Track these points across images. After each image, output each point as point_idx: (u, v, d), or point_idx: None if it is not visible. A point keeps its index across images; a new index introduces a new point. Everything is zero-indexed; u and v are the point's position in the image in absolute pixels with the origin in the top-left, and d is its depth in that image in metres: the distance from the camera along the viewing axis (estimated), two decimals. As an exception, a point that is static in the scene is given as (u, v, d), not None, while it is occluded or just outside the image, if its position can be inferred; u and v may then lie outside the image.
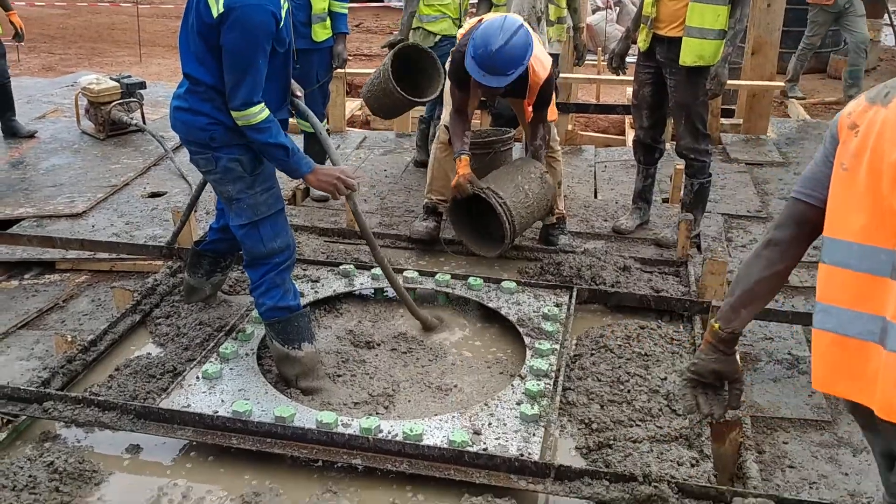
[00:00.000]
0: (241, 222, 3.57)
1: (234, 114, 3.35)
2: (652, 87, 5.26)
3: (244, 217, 3.56)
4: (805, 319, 4.28)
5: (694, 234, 5.23)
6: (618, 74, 5.78)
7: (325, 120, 6.29)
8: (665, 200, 6.23)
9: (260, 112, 3.35)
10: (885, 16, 11.98)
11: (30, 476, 2.91)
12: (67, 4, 17.80)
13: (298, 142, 5.96)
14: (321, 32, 5.76)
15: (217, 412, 3.29)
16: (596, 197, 6.47)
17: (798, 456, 3.65)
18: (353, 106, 9.26)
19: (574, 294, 4.27)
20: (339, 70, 6.32)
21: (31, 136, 7.87)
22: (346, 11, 5.92)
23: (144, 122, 8.03)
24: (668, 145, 5.97)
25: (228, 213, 3.64)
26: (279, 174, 3.66)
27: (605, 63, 5.89)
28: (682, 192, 5.51)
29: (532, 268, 4.74)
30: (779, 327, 4.59)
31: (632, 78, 5.61)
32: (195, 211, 5.43)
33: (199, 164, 3.59)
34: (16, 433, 3.24)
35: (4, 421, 3.25)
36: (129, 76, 8.33)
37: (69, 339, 3.84)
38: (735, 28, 4.90)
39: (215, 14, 3.23)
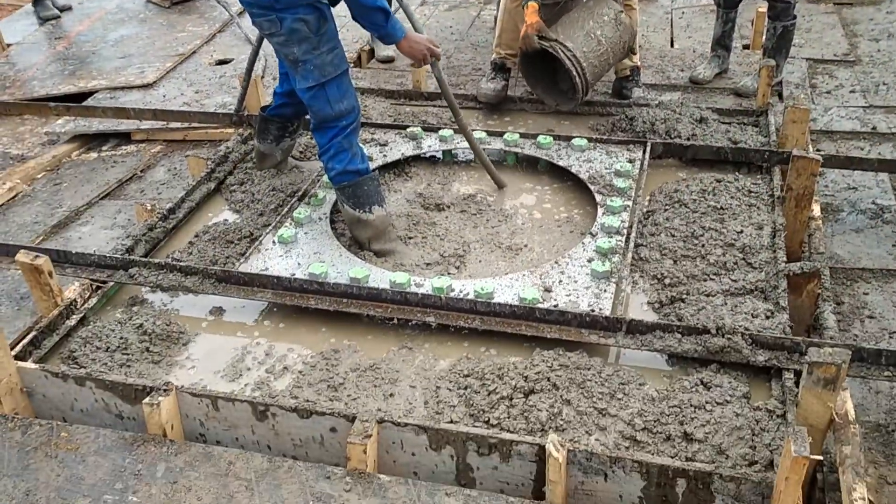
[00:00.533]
0: (308, 84, 3.53)
1: None
2: None
3: (311, 79, 3.52)
4: (892, 167, 4.10)
5: (776, 81, 4.98)
6: None
7: (387, -24, 6.08)
8: (746, 47, 5.92)
9: None
10: None
11: (121, 338, 3.08)
12: None
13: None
14: None
15: (294, 274, 3.38)
16: (672, 46, 6.18)
17: (878, 306, 3.57)
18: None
19: (648, 149, 4.16)
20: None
21: (64, 9, 7.85)
22: None
23: (207, -12, 7.94)
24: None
25: (293, 76, 3.60)
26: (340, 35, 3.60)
27: None
28: (763, 37, 5.22)
29: (604, 123, 4.62)
30: (863, 176, 4.41)
31: None
32: (262, 76, 5.42)
33: (262, 27, 3.53)
34: (105, 298, 3.40)
35: (94, 287, 3.41)
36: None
37: (149, 208, 3.95)
38: None
39: None
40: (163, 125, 5.47)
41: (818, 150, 4.34)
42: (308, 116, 3.72)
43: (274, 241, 3.64)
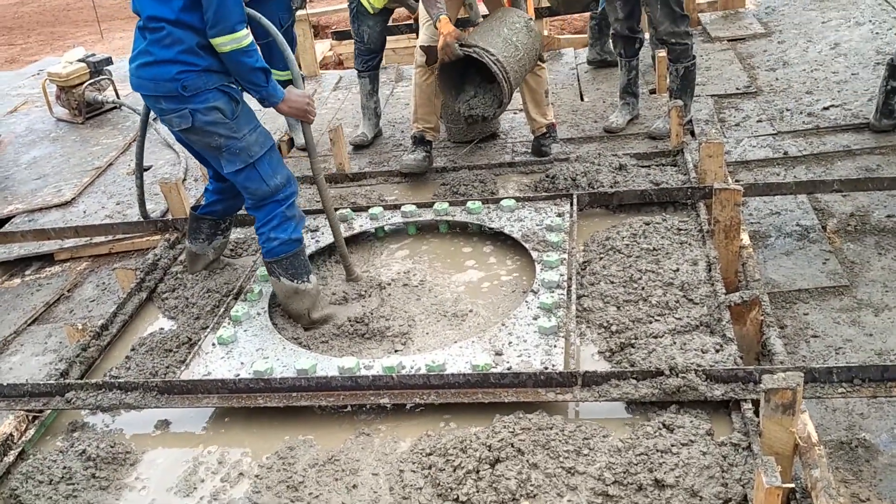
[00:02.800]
0: (237, 167, 3.51)
1: (222, 39, 3.27)
2: None
3: (239, 162, 3.50)
4: (809, 188, 4.23)
5: (686, 120, 5.14)
6: None
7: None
8: (652, 91, 6.11)
9: (247, 35, 3.31)
10: None
11: (64, 467, 2.92)
12: (18, -8, 17.41)
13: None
14: None
15: (239, 375, 3.29)
16: (582, 99, 6.35)
17: (820, 324, 3.64)
18: (324, 47, 9.07)
19: (575, 201, 4.22)
20: (300, 11, 6.14)
21: None
22: None
23: (118, 98, 7.89)
24: (646, 34, 5.82)
25: (220, 163, 3.56)
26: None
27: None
28: (668, 80, 5.40)
29: (528, 182, 4.68)
30: (783, 201, 4.54)
31: None
32: (184, 180, 5.37)
33: (172, 124, 3.49)
34: (43, 428, 3.25)
35: (31, 418, 3.26)
36: (94, 55, 8.15)
37: (80, 328, 3.83)
38: None
39: None
40: (86, 241, 5.35)
41: (737, 181, 4.47)
42: (244, 199, 3.68)
43: (214, 344, 3.54)
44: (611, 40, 5.72)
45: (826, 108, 5.49)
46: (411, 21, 7.40)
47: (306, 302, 3.64)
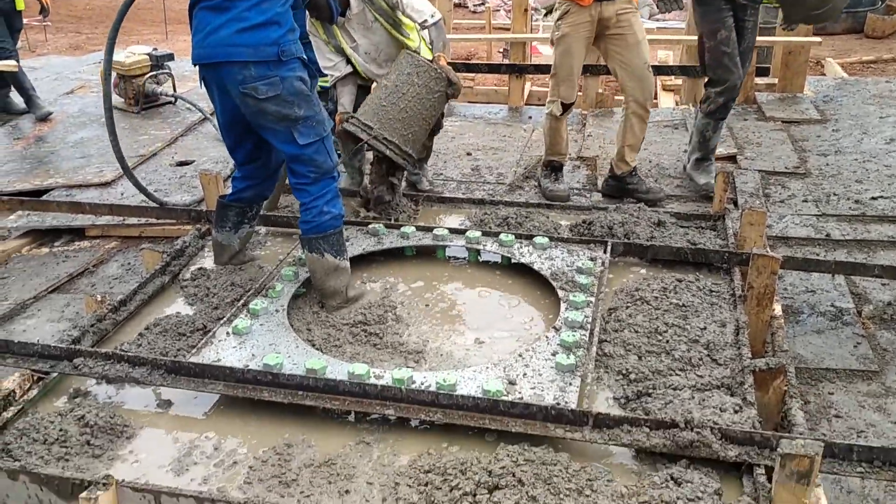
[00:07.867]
0: (311, 140, 3.60)
1: None
2: (734, 31, 5.33)
3: (312, 134, 3.59)
4: (848, 269, 4.15)
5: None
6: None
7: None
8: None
9: None
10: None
11: (61, 430, 2.89)
12: (94, -15, 17.89)
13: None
14: None
15: (248, 366, 3.25)
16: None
17: (844, 405, 3.53)
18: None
19: (609, 248, 4.16)
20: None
21: (23, 113, 7.89)
22: None
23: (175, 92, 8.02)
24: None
25: (289, 136, 3.55)
26: None
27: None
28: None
29: (562, 226, 4.64)
30: (821, 279, 4.46)
31: (657, 37, 5.65)
32: (228, 177, 5.40)
33: (257, 92, 3.43)
34: (46, 389, 3.22)
35: (36, 378, 3.23)
36: (157, 49, 8.32)
37: (99, 299, 3.82)
38: None
39: None
40: (119, 221, 5.38)
41: (776, 254, 4.39)
42: (297, 175, 3.68)
43: (228, 333, 3.51)
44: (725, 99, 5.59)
45: (874, 198, 5.42)
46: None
47: (344, 279, 3.74)
